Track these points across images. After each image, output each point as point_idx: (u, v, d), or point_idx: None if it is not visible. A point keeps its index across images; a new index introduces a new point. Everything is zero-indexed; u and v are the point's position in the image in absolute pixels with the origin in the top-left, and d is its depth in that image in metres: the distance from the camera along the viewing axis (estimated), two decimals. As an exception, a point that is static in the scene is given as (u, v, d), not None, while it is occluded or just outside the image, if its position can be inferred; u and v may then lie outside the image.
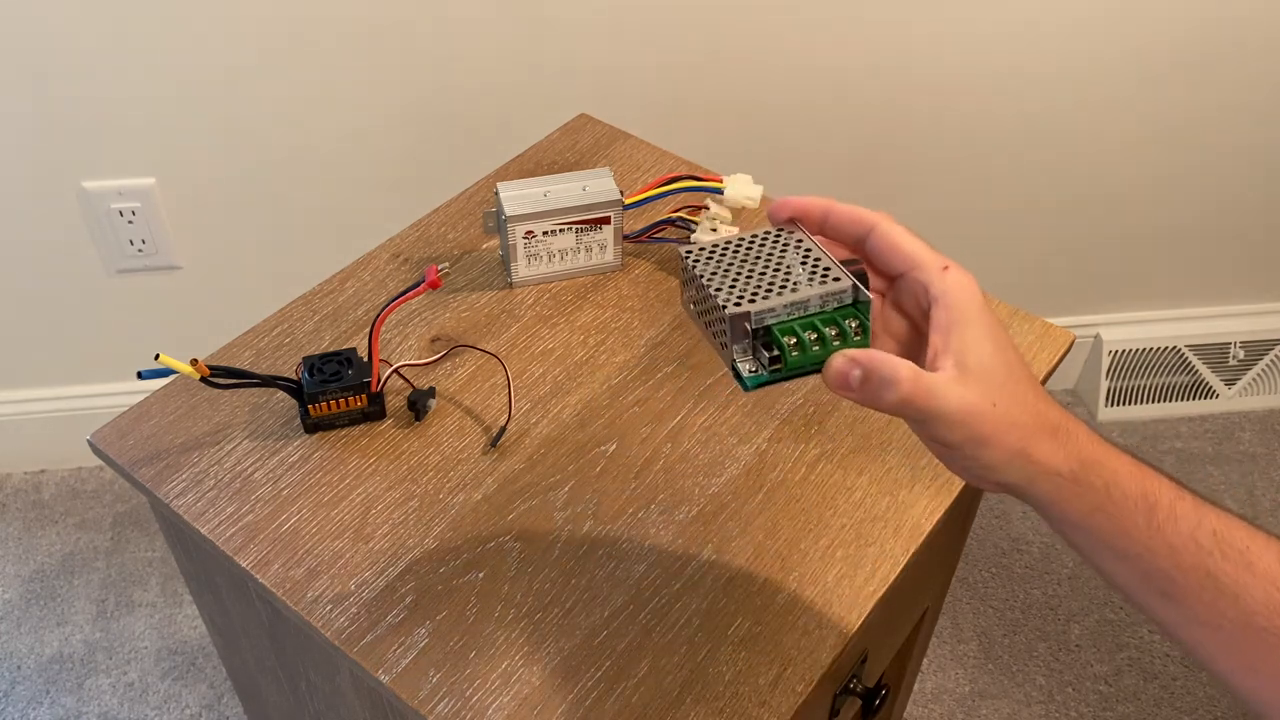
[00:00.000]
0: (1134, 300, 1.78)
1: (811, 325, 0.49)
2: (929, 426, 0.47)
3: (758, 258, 0.51)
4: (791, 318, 0.49)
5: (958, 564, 1.14)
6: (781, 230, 0.52)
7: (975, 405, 0.46)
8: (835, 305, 0.49)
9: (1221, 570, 0.46)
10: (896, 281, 0.51)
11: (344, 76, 1.35)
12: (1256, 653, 0.46)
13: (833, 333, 0.48)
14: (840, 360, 0.47)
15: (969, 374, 0.46)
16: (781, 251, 0.51)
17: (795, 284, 0.49)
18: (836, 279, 0.49)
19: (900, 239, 0.50)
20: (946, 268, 0.49)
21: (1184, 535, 0.47)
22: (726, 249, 0.52)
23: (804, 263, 0.50)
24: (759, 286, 0.49)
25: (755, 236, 0.52)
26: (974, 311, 0.48)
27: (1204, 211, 1.66)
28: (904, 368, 0.46)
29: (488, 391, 0.78)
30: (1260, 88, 1.52)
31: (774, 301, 0.48)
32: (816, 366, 0.49)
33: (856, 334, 0.49)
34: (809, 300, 0.48)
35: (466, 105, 1.39)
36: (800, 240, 0.51)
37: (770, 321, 0.49)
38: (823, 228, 0.52)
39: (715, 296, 0.49)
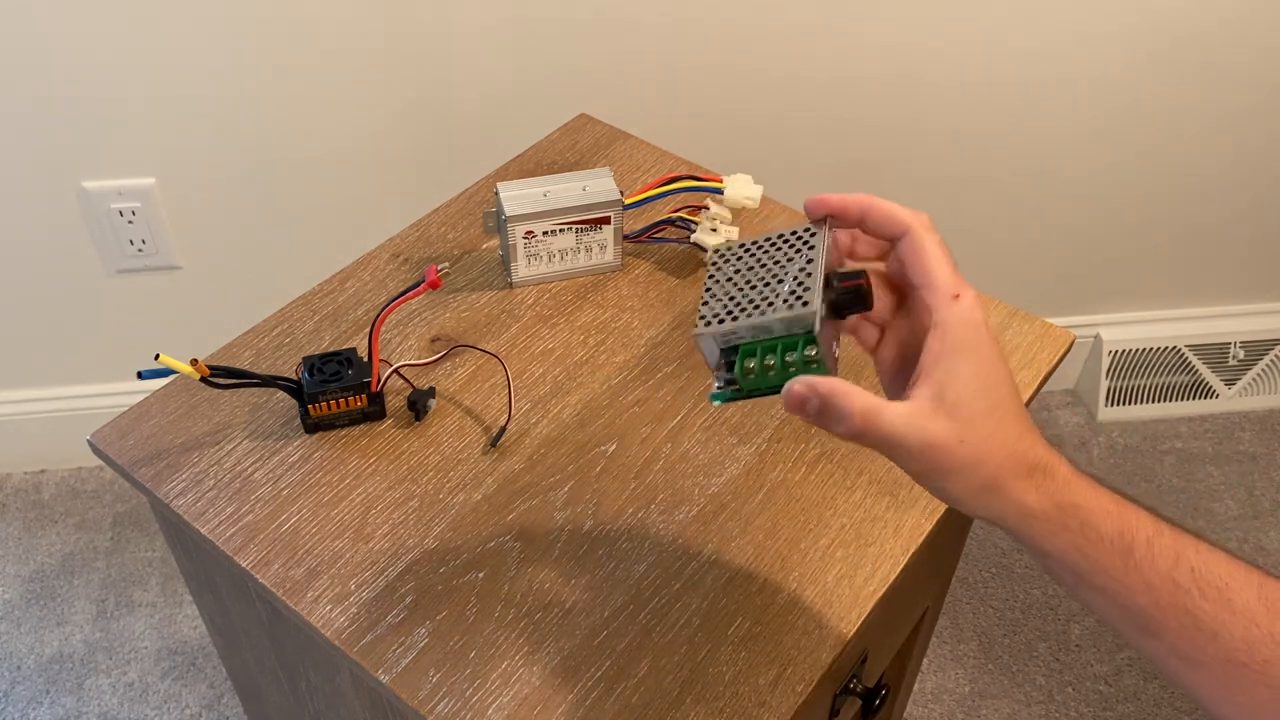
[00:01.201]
0: (1134, 300, 1.78)
1: (773, 348, 0.49)
2: (889, 456, 0.47)
3: (764, 265, 0.51)
4: (757, 340, 0.49)
5: (958, 564, 1.14)
6: (807, 230, 0.51)
7: (936, 439, 0.46)
8: (801, 330, 0.48)
9: (1200, 608, 0.46)
10: (912, 292, 0.50)
11: (344, 76, 1.35)
12: (1237, 687, 0.46)
13: (789, 359, 0.49)
14: (799, 386, 0.47)
15: (942, 407, 0.46)
16: (788, 260, 0.50)
17: (771, 303, 0.49)
18: (805, 304, 0.48)
19: (924, 252, 0.49)
20: (958, 296, 0.48)
21: (1162, 574, 0.47)
22: (746, 252, 0.52)
23: (796, 277, 0.49)
24: (743, 302, 0.50)
25: (780, 237, 0.52)
26: (971, 345, 0.47)
27: (1204, 211, 1.66)
28: (858, 403, 0.45)
29: (488, 391, 0.78)
30: (1260, 88, 1.52)
31: (740, 324, 0.49)
32: (775, 389, 0.49)
33: (811, 363, 0.48)
34: (772, 325, 0.49)
35: (466, 105, 1.39)
36: (814, 248, 0.50)
37: (736, 342, 0.50)
38: (861, 225, 0.51)
39: (700, 310, 0.50)
